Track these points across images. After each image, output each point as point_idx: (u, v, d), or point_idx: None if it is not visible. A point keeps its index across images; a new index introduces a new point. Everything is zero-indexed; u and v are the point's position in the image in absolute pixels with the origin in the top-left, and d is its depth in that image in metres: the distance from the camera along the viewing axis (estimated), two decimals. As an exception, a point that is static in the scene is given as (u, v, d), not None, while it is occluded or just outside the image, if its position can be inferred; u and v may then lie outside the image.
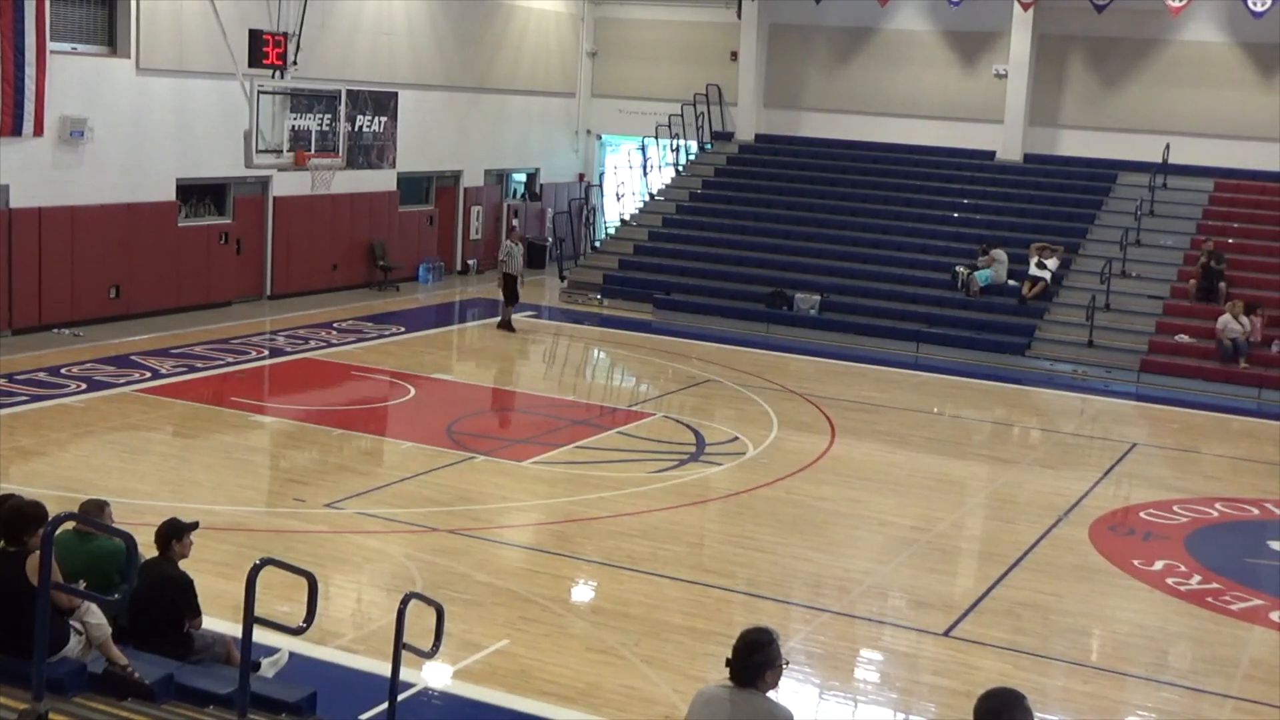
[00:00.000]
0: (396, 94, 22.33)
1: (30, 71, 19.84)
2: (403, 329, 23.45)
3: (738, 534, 13.69)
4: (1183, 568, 13.30)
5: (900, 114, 29.72)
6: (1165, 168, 26.72)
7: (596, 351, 22.94)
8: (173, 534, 8.48)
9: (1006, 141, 28.77)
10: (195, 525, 8.64)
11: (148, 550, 8.34)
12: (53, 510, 7.23)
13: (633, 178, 31.49)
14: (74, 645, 7.48)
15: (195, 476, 14.47)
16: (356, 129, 20.81)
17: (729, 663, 5.91)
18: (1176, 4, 25.98)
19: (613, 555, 12.71)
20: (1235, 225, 25.64)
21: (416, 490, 14.35)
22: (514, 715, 9.38)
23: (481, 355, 23.18)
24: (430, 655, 8.13)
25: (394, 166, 23.95)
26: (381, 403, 18.67)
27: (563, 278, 28.42)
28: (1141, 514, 15.18)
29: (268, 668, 8.98)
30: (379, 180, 26.22)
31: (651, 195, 30.48)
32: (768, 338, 24.56)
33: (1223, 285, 23.77)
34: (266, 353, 21.03)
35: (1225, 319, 22.59)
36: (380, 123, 21.51)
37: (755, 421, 18.32)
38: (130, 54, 21.87)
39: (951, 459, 17.46)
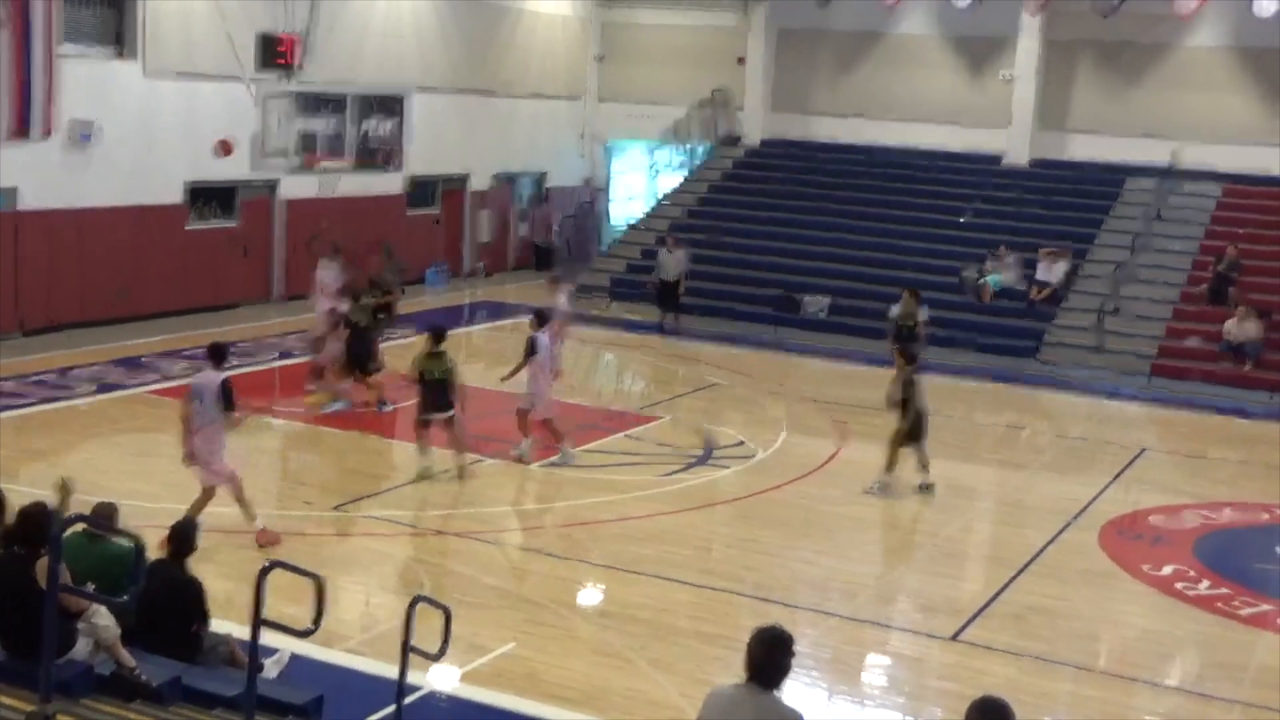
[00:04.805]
0: (404, 97, 22.38)
1: (39, 74, 19.89)
2: (411, 331, 23.43)
3: (745, 538, 13.67)
4: (1192, 573, 13.26)
5: (907, 118, 29.67)
6: (1173, 172, 26.66)
7: (604, 355, 22.93)
8: (186, 546, 8.47)
9: (1014, 146, 28.74)
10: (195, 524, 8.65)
11: (157, 554, 8.35)
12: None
13: (640, 181, 31.46)
14: (82, 647, 7.49)
15: (203, 479, 14.44)
16: (364, 132, 20.87)
17: (751, 663, 5.65)
18: (1186, 9, 25.93)
19: (620, 559, 12.70)
20: (1242, 230, 25.59)
21: (424, 493, 14.34)
22: (521, 718, 9.38)
23: (489, 358, 23.15)
24: (437, 658, 8.12)
25: (401, 170, 23.96)
26: (389, 405, 18.64)
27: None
28: (1150, 518, 15.15)
29: (270, 667, 9.01)
30: (387, 183, 26.23)
31: (659, 199, 30.47)
32: (776, 340, 24.53)
33: (1232, 290, 23.71)
34: (275, 355, 21.04)
35: (1230, 323, 22.54)
36: (388, 126, 21.58)
37: (763, 425, 18.29)
38: (138, 57, 21.90)
39: (960, 463, 17.41)
